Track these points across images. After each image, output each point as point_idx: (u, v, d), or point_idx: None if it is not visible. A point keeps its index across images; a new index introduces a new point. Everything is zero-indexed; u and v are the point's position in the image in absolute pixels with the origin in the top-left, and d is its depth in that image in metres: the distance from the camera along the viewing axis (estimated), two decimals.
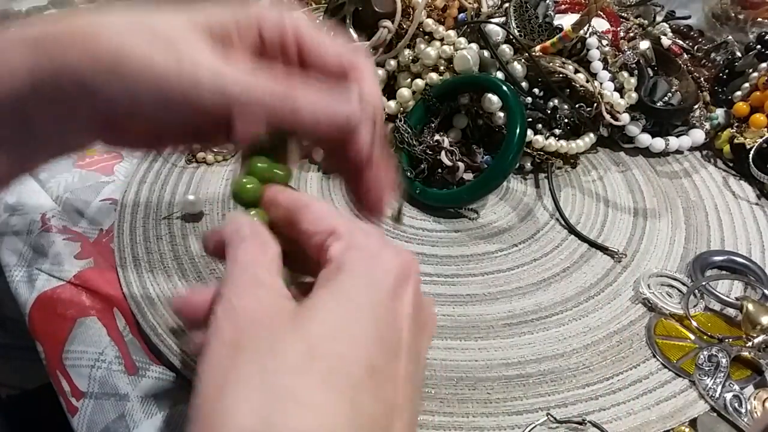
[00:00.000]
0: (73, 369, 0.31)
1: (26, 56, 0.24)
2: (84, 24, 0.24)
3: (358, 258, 0.21)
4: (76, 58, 0.24)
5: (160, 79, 0.23)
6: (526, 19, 0.46)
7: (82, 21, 0.25)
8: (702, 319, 0.33)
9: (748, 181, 0.45)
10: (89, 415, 0.29)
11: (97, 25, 0.24)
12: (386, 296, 0.20)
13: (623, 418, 0.28)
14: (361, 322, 0.19)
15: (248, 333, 0.19)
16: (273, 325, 0.19)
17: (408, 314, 0.21)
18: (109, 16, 0.25)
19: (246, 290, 0.20)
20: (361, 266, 0.21)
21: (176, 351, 0.31)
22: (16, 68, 0.24)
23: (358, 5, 0.43)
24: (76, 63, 0.24)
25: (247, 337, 0.19)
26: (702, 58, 0.53)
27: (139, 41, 0.23)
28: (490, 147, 0.43)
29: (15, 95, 0.25)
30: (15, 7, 0.61)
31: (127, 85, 0.23)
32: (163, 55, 0.23)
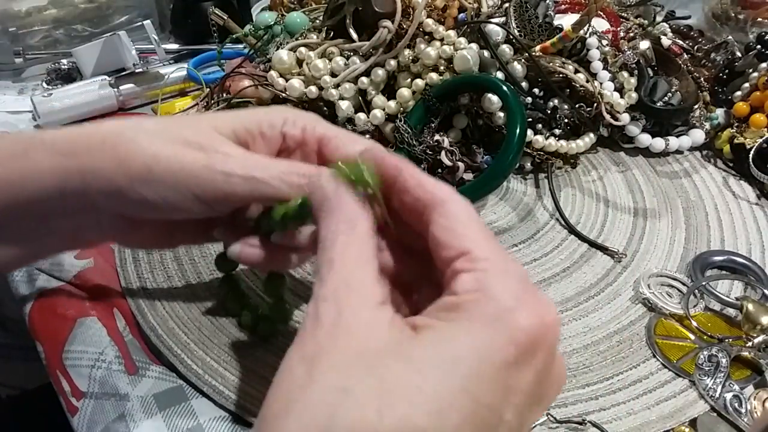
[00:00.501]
0: (73, 369, 0.31)
1: (55, 161, 0.26)
2: (114, 131, 0.26)
3: (483, 308, 0.17)
4: (109, 164, 0.25)
5: (192, 178, 0.25)
6: (526, 19, 0.46)
7: (113, 128, 0.26)
8: (702, 319, 0.33)
9: (748, 181, 0.45)
10: (89, 415, 0.29)
11: (128, 133, 0.26)
12: (502, 367, 0.16)
13: (623, 418, 0.28)
14: (456, 392, 0.16)
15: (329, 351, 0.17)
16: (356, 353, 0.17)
17: (523, 390, 0.17)
18: (138, 124, 0.26)
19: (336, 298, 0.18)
20: (483, 321, 0.17)
21: (176, 351, 0.31)
22: (44, 173, 0.26)
23: (357, 5, 0.43)
24: (108, 169, 0.25)
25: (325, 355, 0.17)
26: (702, 58, 0.53)
27: (170, 146, 0.25)
28: (490, 147, 0.43)
29: (39, 197, 0.26)
30: (15, 7, 0.61)
31: (160, 187, 0.25)
32: (193, 155, 0.25)
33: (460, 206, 0.20)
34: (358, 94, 0.44)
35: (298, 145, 0.27)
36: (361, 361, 0.16)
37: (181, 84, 0.57)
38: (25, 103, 0.55)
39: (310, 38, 0.46)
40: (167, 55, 0.61)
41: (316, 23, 0.49)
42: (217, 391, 0.29)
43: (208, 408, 0.29)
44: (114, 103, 0.54)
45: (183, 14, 0.65)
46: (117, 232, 0.29)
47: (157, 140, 0.25)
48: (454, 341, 0.17)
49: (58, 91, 0.53)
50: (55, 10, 0.63)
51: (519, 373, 0.17)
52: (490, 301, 0.17)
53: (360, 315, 0.17)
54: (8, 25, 0.60)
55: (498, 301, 0.17)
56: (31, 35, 0.62)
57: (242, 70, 0.49)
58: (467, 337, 0.17)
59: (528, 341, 0.17)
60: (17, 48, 0.61)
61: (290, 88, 0.43)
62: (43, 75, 0.60)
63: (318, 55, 0.44)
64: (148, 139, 0.25)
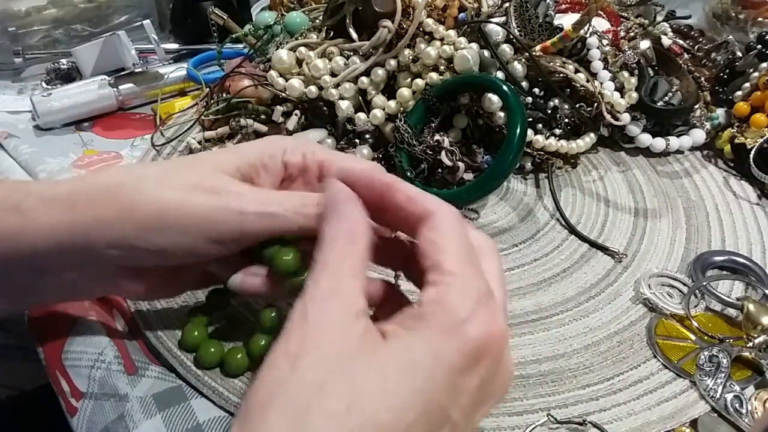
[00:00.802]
0: (72, 369, 0.31)
1: (55, 216, 0.25)
2: (115, 181, 0.25)
3: (440, 319, 0.19)
4: (115, 215, 0.25)
5: (205, 220, 0.25)
6: (527, 19, 0.46)
7: (113, 178, 0.26)
8: (703, 320, 0.33)
9: (749, 181, 0.45)
10: (89, 416, 0.29)
11: (131, 182, 0.25)
12: (452, 371, 0.19)
13: (624, 418, 0.28)
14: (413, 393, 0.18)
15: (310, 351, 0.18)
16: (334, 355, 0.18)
17: (469, 392, 0.19)
18: (142, 171, 0.26)
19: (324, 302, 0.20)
20: (438, 330, 0.19)
21: (175, 352, 0.31)
22: (41, 228, 0.25)
23: (357, 5, 0.43)
24: (114, 220, 0.25)
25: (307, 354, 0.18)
26: (702, 57, 0.53)
27: (178, 191, 0.25)
28: (490, 147, 0.43)
29: (35, 253, 0.26)
30: (14, 6, 0.61)
31: (171, 233, 0.25)
32: (202, 197, 0.25)
33: (446, 219, 0.22)
34: (358, 93, 0.44)
35: (300, 173, 0.28)
36: (337, 362, 0.18)
37: (181, 84, 0.57)
38: (24, 103, 0.55)
39: (309, 38, 0.46)
40: (167, 54, 0.61)
41: (315, 23, 0.49)
42: (216, 392, 0.29)
43: (208, 408, 0.29)
44: (114, 102, 0.54)
45: (183, 14, 0.65)
46: (119, 284, 0.28)
47: (162, 187, 0.25)
48: (414, 348, 0.19)
49: (57, 90, 0.53)
50: (55, 10, 0.63)
51: (466, 377, 0.19)
52: (446, 313, 0.19)
53: (343, 322, 0.19)
54: (8, 24, 0.60)
55: (453, 314, 0.19)
56: (30, 35, 0.62)
57: (242, 70, 0.49)
58: (425, 345, 0.19)
59: (478, 345, 0.19)
60: (17, 48, 0.61)
61: (290, 87, 0.43)
62: (43, 75, 0.60)
63: (318, 54, 0.44)
64: (153, 186, 0.25)
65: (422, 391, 0.18)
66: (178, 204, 0.25)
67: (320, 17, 0.49)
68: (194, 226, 0.25)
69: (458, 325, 0.19)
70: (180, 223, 0.25)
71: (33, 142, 0.50)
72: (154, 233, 0.25)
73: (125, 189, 0.25)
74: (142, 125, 0.53)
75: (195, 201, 0.25)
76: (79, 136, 0.52)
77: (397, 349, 0.19)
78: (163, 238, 0.25)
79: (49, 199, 0.26)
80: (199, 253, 0.25)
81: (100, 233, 0.25)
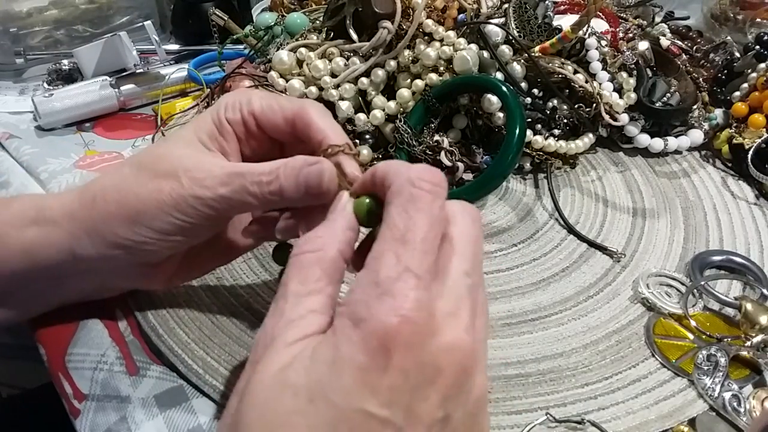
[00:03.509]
0: (75, 371, 0.31)
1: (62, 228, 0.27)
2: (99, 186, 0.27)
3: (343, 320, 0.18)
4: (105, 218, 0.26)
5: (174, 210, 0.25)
6: (526, 20, 0.46)
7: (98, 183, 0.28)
8: (701, 319, 0.33)
9: (747, 181, 0.45)
10: (91, 418, 0.29)
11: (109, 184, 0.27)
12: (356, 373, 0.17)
13: (622, 417, 0.28)
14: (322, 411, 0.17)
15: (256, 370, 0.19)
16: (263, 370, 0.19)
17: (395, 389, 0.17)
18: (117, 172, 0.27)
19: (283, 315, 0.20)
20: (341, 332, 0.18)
21: (177, 351, 0.31)
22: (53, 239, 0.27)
23: (357, 6, 0.43)
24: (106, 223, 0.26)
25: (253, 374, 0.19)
26: (701, 58, 0.53)
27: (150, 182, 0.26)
28: (489, 147, 0.44)
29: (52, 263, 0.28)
30: (16, 7, 0.61)
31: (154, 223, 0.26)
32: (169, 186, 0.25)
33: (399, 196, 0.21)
34: (358, 94, 0.44)
35: (242, 127, 0.28)
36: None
37: (182, 84, 0.58)
38: (26, 104, 0.55)
39: (310, 39, 0.46)
40: (168, 55, 0.61)
41: (316, 24, 0.49)
42: (217, 391, 0.29)
43: (209, 408, 0.29)
44: (115, 103, 0.55)
45: (184, 15, 0.65)
46: (137, 279, 0.30)
47: (135, 182, 0.26)
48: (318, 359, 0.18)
49: (59, 91, 0.53)
50: (56, 11, 0.63)
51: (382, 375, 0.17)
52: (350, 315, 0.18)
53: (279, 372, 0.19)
54: (9, 25, 0.61)
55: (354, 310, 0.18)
56: (32, 36, 0.62)
57: (243, 71, 0.49)
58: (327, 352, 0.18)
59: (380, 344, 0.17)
60: (18, 48, 0.61)
61: (290, 88, 0.44)
62: (44, 75, 0.60)
63: (318, 55, 0.44)
64: (127, 184, 0.26)
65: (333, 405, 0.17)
66: (149, 197, 0.26)
67: (320, 18, 0.49)
68: (169, 214, 0.26)
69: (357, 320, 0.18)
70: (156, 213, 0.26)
71: (34, 143, 0.51)
72: (140, 227, 0.26)
73: (107, 193, 0.27)
74: (143, 126, 0.54)
75: (161, 192, 0.25)
76: (80, 136, 0.52)
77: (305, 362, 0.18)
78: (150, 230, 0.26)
79: (60, 208, 0.27)
80: (198, 232, 0.27)
81: (100, 238, 0.27)
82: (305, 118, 0.27)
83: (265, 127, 0.28)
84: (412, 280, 0.18)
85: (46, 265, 0.28)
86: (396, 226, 0.19)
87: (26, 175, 0.47)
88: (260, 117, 0.28)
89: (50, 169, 0.47)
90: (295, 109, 0.27)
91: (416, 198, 0.20)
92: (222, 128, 0.28)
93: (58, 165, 0.48)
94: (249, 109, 0.28)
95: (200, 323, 0.32)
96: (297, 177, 0.24)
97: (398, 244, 0.19)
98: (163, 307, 0.33)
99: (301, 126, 0.27)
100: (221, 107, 0.28)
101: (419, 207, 0.20)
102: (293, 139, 0.28)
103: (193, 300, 0.34)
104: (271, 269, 0.37)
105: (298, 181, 0.24)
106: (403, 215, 0.20)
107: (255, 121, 0.28)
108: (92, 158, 0.49)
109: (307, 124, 0.26)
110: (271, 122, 0.27)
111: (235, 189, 0.25)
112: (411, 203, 0.20)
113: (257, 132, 0.28)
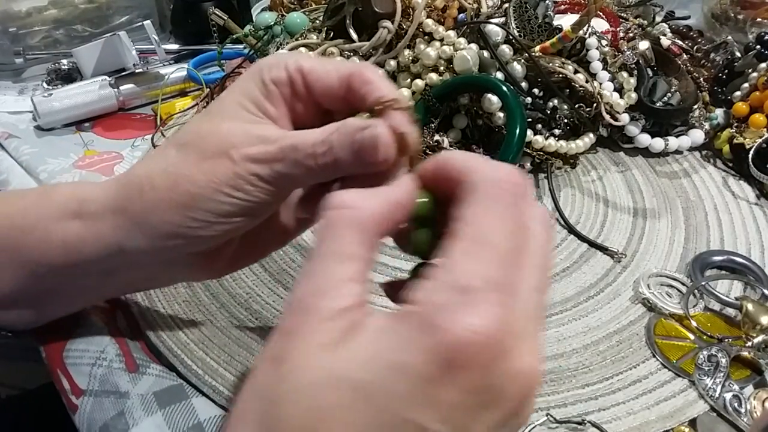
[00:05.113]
0: (73, 367, 0.31)
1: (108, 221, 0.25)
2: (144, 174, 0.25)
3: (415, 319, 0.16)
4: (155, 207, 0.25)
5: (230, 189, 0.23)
6: (526, 20, 0.46)
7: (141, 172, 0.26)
8: (701, 319, 0.33)
9: (748, 181, 0.45)
10: (89, 413, 0.29)
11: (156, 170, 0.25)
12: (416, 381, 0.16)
13: (623, 418, 0.28)
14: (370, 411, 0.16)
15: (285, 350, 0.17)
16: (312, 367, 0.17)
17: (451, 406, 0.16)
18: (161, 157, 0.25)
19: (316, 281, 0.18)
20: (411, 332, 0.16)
21: (176, 352, 0.31)
22: (104, 231, 0.26)
23: (357, 5, 0.43)
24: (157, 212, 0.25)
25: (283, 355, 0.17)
26: (701, 58, 0.53)
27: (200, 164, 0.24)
28: (489, 147, 0.43)
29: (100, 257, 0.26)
30: (15, 7, 0.61)
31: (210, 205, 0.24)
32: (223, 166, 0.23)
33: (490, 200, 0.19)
34: None
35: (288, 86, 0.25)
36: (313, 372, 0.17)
37: (182, 84, 0.57)
38: (25, 104, 0.55)
39: (310, 38, 0.46)
40: (167, 55, 0.61)
41: (316, 23, 0.49)
42: (217, 392, 0.29)
43: (209, 407, 0.29)
44: (114, 103, 0.54)
45: (183, 14, 0.65)
46: (192, 269, 0.28)
47: (184, 165, 0.24)
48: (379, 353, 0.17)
49: (58, 91, 0.53)
50: (56, 11, 0.63)
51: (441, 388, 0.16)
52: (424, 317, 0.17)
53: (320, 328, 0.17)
54: (8, 25, 0.60)
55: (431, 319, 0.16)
56: (31, 35, 0.62)
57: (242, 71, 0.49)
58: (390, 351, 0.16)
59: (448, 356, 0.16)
60: (17, 48, 0.61)
61: None
62: (44, 75, 0.60)
63: (318, 55, 0.44)
64: (176, 167, 0.24)
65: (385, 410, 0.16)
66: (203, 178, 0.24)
67: (320, 18, 0.49)
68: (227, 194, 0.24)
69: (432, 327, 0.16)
70: (210, 195, 0.24)
71: (34, 143, 0.51)
72: (194, 211, 0.24)
73: (153, 181, 0.25)
74: (142, 125, 0.54)
75: (215, 174, 0.24)
76: (79, 136, 0.52)
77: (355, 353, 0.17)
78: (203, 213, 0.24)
79: (103, 204, 0.26)
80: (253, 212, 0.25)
81: (153, 228, 0.25)
82: (364, 76, 0.24)
83: (314, 87, 0.25)
84: (495, 295, 0.17)
85: (91, 260, 0.26)
86: (479, 228, 0.18)
87: (25, 174, 0.47)
88: (310, 75, 0.25)
89: (49, 169, 0.47)
90: (352, 67, 0.24)
91: (502, 200, 0.18)
92: (268, 91, 0.25)
93: (57, 165, 0.48)
94: (296, 67, 0.25)
95: (199, 324, 0.32)
96: (351, 144, 0.22)
97: (482, 249, 0.17)
98: (162, 307, 0.33)
99: (358, 85, 0.24)
100: (264, 68, 0.25)
101: (505, 211, 0.18)
102: (342, 104, 0.25)
103: (192, 300, 0.34)
104: (270, 269, 0.36)
105: (353, 149, 0.22)
106: (489, 217, 0.18)
107: (303, 80, 0.25)
108: (91, 158, 0.49)
109: (366, 82, 0.23)
110: (322, 82, 0.24)
111: (291, 164, 0.23)
112: (497, 205, 0.18)
113: (304, 94, 0.25)
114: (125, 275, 0.28)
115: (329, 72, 0.24)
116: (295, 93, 0.25)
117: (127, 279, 0.28)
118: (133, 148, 0.50)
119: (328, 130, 0.23)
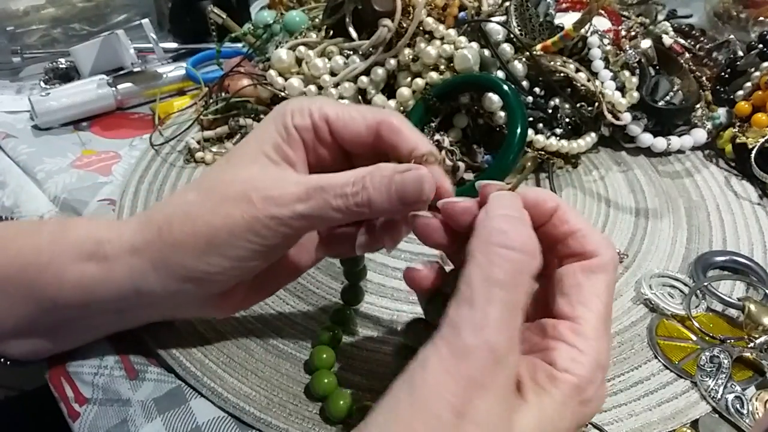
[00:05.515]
0: (76, 376, 0.31)
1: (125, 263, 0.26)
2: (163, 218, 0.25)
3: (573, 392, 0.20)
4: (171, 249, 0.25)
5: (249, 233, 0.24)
6: (527, 18, 0.45)
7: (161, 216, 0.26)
8: (704, 320, 0.33)
9: (750, 180, 0.45)
10: (91, 420, 0.29)
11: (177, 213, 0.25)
12: None
13: (624, 419, 0.28)
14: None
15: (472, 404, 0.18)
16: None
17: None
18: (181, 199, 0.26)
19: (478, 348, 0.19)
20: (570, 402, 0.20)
21: (174, 354, 0.31)
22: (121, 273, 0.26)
23: (357, 4, 0.43)
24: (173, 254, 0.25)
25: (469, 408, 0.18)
26: (704, 57, 0.53)
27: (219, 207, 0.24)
28: (490, 146, 0.43)
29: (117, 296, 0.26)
30: (13, 6, 0.61)
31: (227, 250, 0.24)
32: (240, 210, 0.24)
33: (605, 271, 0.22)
34: (358, 93, 0.43)
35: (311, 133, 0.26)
36: None
37: (180, 83, 0.57)
38: (23, 103, 0.55)
39: (309, 37, 0.46)
40: (166, 54, 0.60)
41: (315, 22, 0.48)
42: (215, 393, 0.29)
43: (207, 409, 0.28)
44: (112, 102, 0.54)
45: (181, 13, 0.65)
46: (204, 309, 0.28)
47: (204, 209, 0.24)
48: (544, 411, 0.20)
49: (56, 90, 0.53)
50: (53, 9, 0.63)
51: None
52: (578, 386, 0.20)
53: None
54: (6, 24, 0.60)
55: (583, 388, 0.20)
56: (28, 34, 0.62)
57: (241, 69, 0.49)
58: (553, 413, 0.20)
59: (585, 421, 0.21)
60: (15, 47, 0.60)
61: (289, 87, 0.43)
62: (41, 74, 0.59)
63: (317, 54, 0.44)
64: (196, 211, 0.25)
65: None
66: (222, 223, 0.24)
67: (320, 16, 0.49)
68: (244, 239, 0.24)
69: (585, 402, 0.20)
70: (229, 239, 0.24)
71: (31, 142, 0.50)
72: (210, 256, 0.24)
73: (171, 224, 0.25)
74: (140, 125, 0.53)
75: (233, 217, 0.24)
76: (77, 135, 0.52)
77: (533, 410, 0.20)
78: (220, 258, 0.24)
79: (120, 245, 0.26)
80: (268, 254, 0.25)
81: (169, 269, 0.25)
82: (393, 125, 0.25)
83: (341, 135, 0.26)
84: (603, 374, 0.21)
85: (106, 300, 0.26)
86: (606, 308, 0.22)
87: (23, 174, 0.47)
88: (336, 123, 0.25)
89: (47, 168, 0.47)
90: (380, 117, 0.25)
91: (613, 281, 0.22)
92: (289, 137, 0.25)
93: (55, 165, 0.47)
94: (321, 114, 0.25)
95: (198, 325, 0.32)
96: (389, 186, 0.23)
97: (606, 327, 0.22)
98: None
99: (387, 134, 0.25)
100: (287, 114, 0.26)
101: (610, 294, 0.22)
102: (369, 150, 0.26)
103: None
104: None
105: (390, 191, 0.23)
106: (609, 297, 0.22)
107: (328, 127, 0.26)
108: (89, 158, 0.48)
109: (396, 132, 0.25)
110: (349, 129, 0.25)
111: (316, 204, 0.23)
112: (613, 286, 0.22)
113: (329, 140, 0.26)
114: (139, 312, 0.28)
115: (355, 119, 0.25)
116: (318, 138, 0.26)
117: (141, 316, 0.29)
118: (131, 148, 0.50)
119: (359, 173, 0.24)
